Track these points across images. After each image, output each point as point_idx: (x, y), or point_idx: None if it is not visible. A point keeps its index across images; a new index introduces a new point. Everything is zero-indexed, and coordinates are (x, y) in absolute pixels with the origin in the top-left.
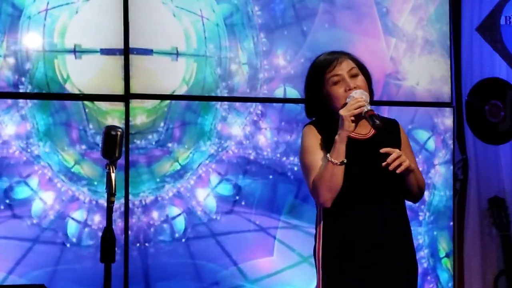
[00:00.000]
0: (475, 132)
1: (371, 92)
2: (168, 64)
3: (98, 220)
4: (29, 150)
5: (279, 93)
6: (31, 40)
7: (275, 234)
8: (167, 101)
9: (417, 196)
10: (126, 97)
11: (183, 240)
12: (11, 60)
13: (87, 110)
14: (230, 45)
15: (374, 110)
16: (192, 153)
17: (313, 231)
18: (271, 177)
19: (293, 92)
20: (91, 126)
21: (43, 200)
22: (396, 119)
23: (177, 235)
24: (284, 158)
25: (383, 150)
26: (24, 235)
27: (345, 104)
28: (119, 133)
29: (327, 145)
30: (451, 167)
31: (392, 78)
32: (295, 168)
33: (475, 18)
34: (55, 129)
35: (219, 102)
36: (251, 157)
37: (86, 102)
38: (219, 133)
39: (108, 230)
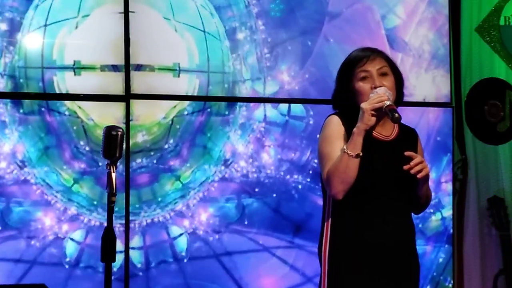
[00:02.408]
0: (474, 132)
1: (400, 94)
2: (170, 81)
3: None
4: (26, 170)
5: (283, 108)
6: (30, 56)
7: (278, 253)
8: (169, 119)
9: (422, 207)
10: (127, 97)
11: (185, 260)
12: (9, 77)
13: (85, 127)
14: (234, 61)
15: (394, 106)
16: (194, 172)
17: None
18: (274, 195)
19: (297, 107)
20: (89, 143)
21: (41, 220)
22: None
23: (179, 255)
24: (288, 176)
25: (407, 153)
26: (23, 256)
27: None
28: (119, 133)
29: (348, 137)
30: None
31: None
32: (299, 187)
33: (474, 18)
34: (53, 147)
35: (221, 121)
36: (254, 175)
37: (85, 120)
38: (222, 151)
39: (108, 230)
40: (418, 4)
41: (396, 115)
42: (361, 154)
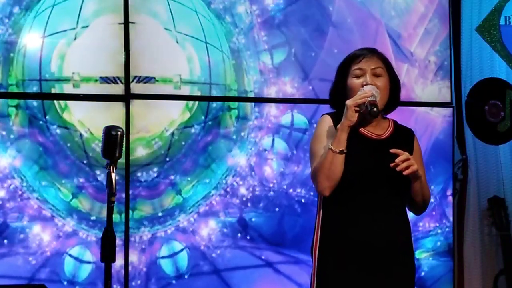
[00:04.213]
0: (474, 132)
1: (394, 97)
2: (171, 92)
3: (97, 257)
4: (24, 184)
5: (286, 119)
6: (28, 68)
7: (281, 269)
8: (169, 132)
9: (420, 207)
10: (126, 97)
11: (186, 276)
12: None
13: (84, 141)
14: (236, 72)
15: (376, 101)
16: (195, 186)
17: None
18: (277, 209)
19: (300, 118)
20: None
21: (39, 236)
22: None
23: (180, 271)
24: (291, 190)
25: (392, 151)
26: (20, 273)
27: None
28: (119, 133)
29: None
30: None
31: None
32: (302, 200)
33: (474, 18)
34: (51, 161)
35: (223, 132)
36: (257, 189)
37: (83, 133)
38: (224, 165)
39: (108, 230)
40: (423, 13)
41: (375, 109)
42: (345, 150)
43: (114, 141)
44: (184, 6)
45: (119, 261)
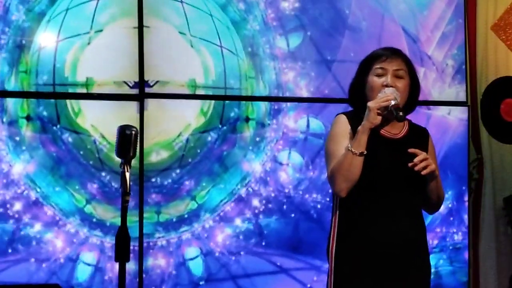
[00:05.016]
0: (490, 131)
1: (413, 100)
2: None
3: (110, 263)
4: (38, 190)
5: (302, 124)
6: (41, 72)
7: (297, 275)
8: (184, 136)
9: (434, 206)
10: (141, 96)
11: (201, 283)
12: (20, 93)
13: (99, 147)
14: (251, 76)
15: (400, 105)
16: (210, 191)
17: None
18: (293, 215)
19: (316, 123)
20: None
21: (52, 243)
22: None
23: (195, 278)
24: (307, 196)
25: (411, 150)
26: (32, 279)
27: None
28: (133, 132)
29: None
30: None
31: (423, 107)
32: (318, 206)
33: (490, 16)
34: (65, 166)
35: (238, 138)
36: (272, 195)
37: (99, 139)
38: (238, 170)
39: (122, 229)
40: (439, 18)
41: (401, 113)
42: (365, 152)
43: (128, 140)
44: (198, 9)
45: (131, 266)
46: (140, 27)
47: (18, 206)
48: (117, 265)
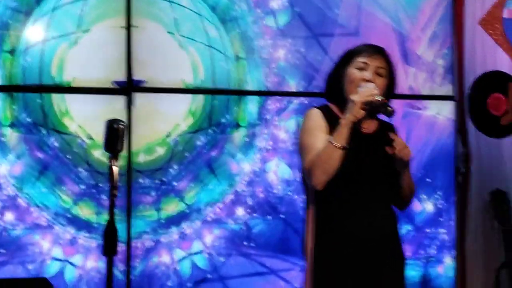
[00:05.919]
0: (477, 126)
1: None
2: (174, 96)
3: (96, 264)
4: (24, 191)
5: (290, 124)
6: (28, 72)
7: (286, 276)
8: (172, 136)
9: (407, 198)
10: (128, 90)
11: (189, 284)
12: (6, 93)
13: (85, 147)
14: (240, 76)
15: (386, 100)
16: (198, 192)
17: None
18: (282, 216)
19: None
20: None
21: (39, 244)
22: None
23: (183, 279)
24: (296, 196)
25: (392, 136)
26: None
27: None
28: (121, 126)
29: (329, 130)
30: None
31: (413, 108)
32: None
33: (478, 11)
34: (52, 168)
35: (226, 140)
36: (261, 196)
37: (85, 139)
38: (227, 171)
39: (110, 224)
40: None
41: (390, 108)
42: (347, 146)
43: (116, 134)
44: (187, 9)
45: (119, 267)
46: (128, 26)
47: (4, 207)
48: (103, 266)
